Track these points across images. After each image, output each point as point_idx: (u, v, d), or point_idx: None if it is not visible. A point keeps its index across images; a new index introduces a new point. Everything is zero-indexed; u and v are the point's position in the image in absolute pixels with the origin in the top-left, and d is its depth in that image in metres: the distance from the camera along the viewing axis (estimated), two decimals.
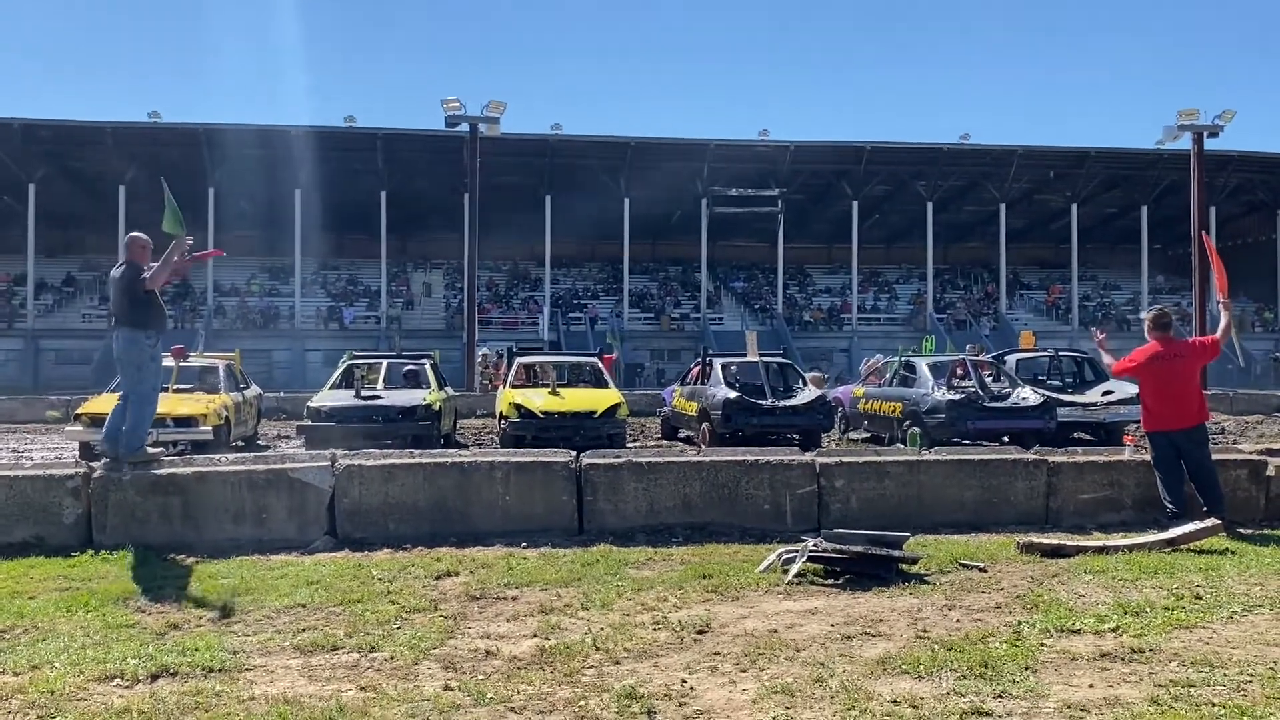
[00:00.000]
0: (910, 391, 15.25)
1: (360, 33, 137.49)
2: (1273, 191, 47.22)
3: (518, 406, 14.01)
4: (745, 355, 16.99)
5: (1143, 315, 8.34)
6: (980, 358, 17.10)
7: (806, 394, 15.25)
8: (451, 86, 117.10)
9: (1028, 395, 14.38)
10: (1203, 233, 16.57)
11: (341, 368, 16.15)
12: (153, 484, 7.17)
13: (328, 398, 14.41)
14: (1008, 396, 14.35)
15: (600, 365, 17.07)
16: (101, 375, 28.68)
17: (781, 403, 14.63)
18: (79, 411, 13.45)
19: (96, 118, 42.83)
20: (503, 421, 14.40)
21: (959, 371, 16.05)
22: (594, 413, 14.03)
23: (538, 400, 14.21)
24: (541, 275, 47.24)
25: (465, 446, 15.26)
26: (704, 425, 14.86)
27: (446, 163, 40.60)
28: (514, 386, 15.46)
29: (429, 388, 15.28)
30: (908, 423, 14.58)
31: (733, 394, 14.53)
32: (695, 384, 16.48)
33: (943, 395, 14.25)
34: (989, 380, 15.25)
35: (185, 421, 12.55)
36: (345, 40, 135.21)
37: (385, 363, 16.74)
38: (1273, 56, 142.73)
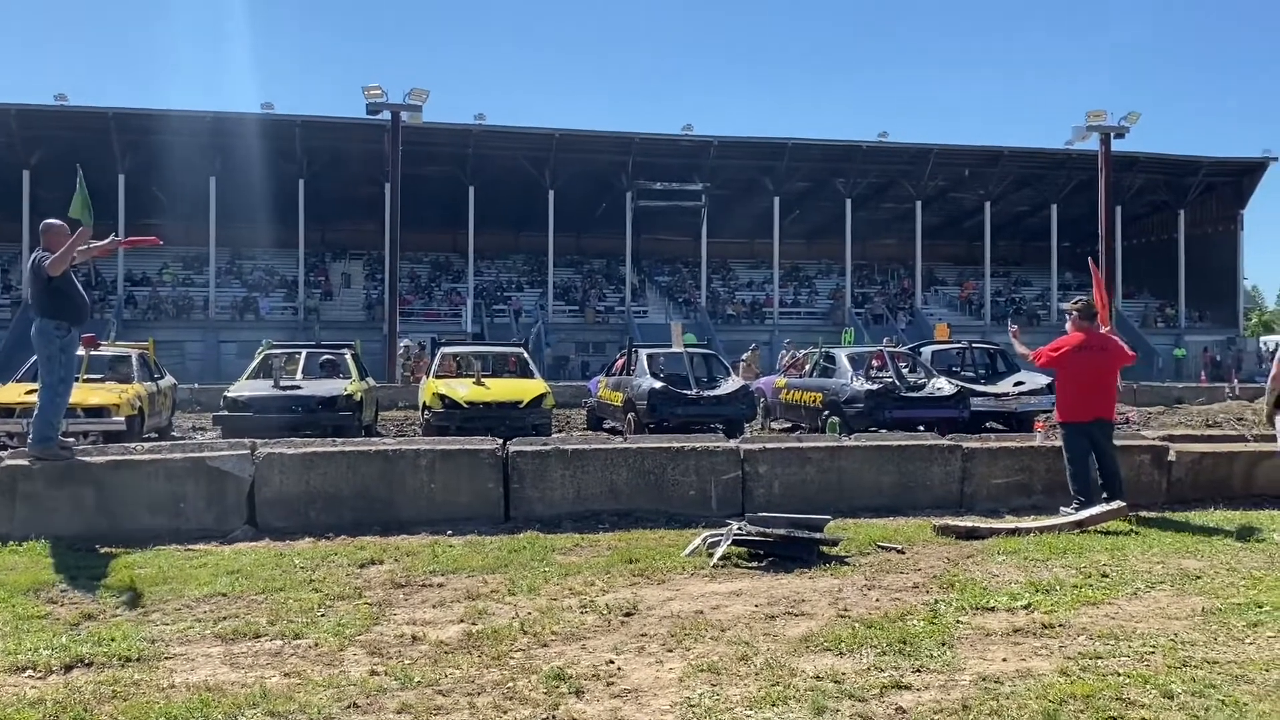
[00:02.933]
0: (830, 382, 15.47)
1: (280, 18, 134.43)
2: (1175, 192, 49.00)
3: (441, 396, 13.82)
4: (671, 346, 17.11)
5: (1065, 306, 8.51)
6: (896, 349, 17.44)
7: (730, 384, 15.42)
8: (374, 75, 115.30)
9: (943, 385, 14.73)
10: (1090, 259, 16.94)
11: (259, 358, 15.81)
12: (64, 474, 6.96)
13: (245, 387, 14.09)
14: (924, 387, 14.69)
15: (526, 356, 16.98)
16: (6, 364, 27.62)
17: (706, 392, 14.73)
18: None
19: None
20: (426, 411, 14.22)
21: (876, 363, 16.35)
22: (519, 402, 13.92)
23: (462, 390, 14.08)
24: (464, 267, 46.79)
25: (386, 438, 15.07)
26: (629, 415, 14.91)
27: (367, 152, 39.99)
28: (438, 376, 15.27)
29: (350, 378, 14.99)
30: (827, 412, 14.80)
31: (658, 384, 14.61)
32: (621, 375, 16.50)
33: (861, 385, 14.51)
34: (905, 371, 15.58)
35: (96, 411, 12.22)
36: (264, 25, 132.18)
37: (304, 353, 16.42)
38: (1177, 60, 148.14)
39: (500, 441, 7.83)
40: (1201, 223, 50.55)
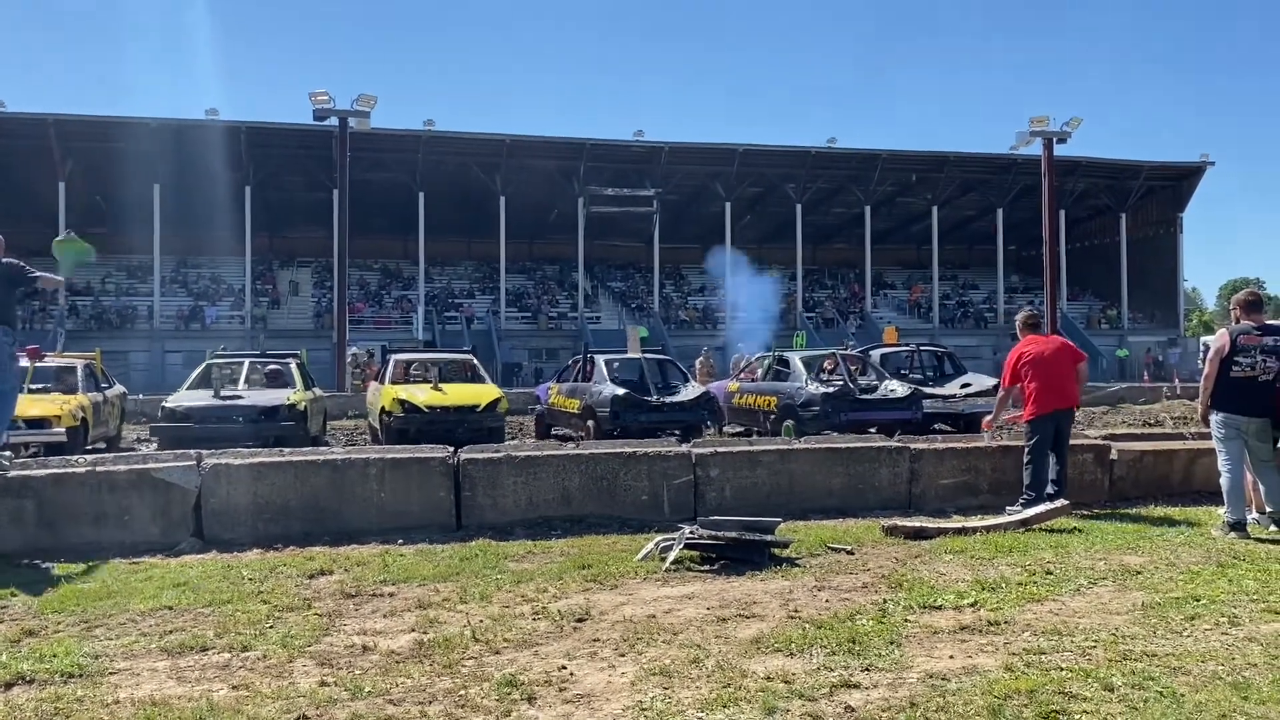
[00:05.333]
0: (784, 385, 15.48)
1: (227, 24, 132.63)
2: (1116, 196, 50.02)
3: (401, 401, 13.94)
4: (626, 352, 17.06)
5: (1016, 319, 8.72)
6: (848, 352, 17.59)
7: (691, 390, 15.33)
8: (321, 81, 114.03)
9: (896, 387, 14.85)
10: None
11: (202, 367, 15.51)
12: (3, 488, 6.81)
13: (184, 397, 13.79)
14: (877, 389, 14.80)
15: (476, 362, 17.07)
16: None
17: (669, 399, 14.67)
18: None
19: None
20: (385, 416, 14.20)
21: (829, 366, 16.48)
22: (477, 406, 14.21)
23: (420, 395, 14.24)
24: (415, 274, 46.46)
25: (335, 447, 14.90)
26: (589, 422, 14.70)
27: (315, 158, 39.56)
28: (394, 383, 15.32)
29: (294, 387, 14.73)
30: (780, 416, 14.78)
31: (620, 390, 14.45)
32: (576, 381, 16.34)
33: (816, 389, 14.56)
34: (857, 374, 15.70)
35: (38, 423, 11.93)
36: (211, 30, 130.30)
37: (247, 362, 16.01)
38: (1118, 66, 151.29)
39: (451, 449, 7.80)
40: (1143, 225, 51.68)
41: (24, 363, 10.52)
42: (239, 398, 13.68)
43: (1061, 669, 4.06)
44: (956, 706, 3.65)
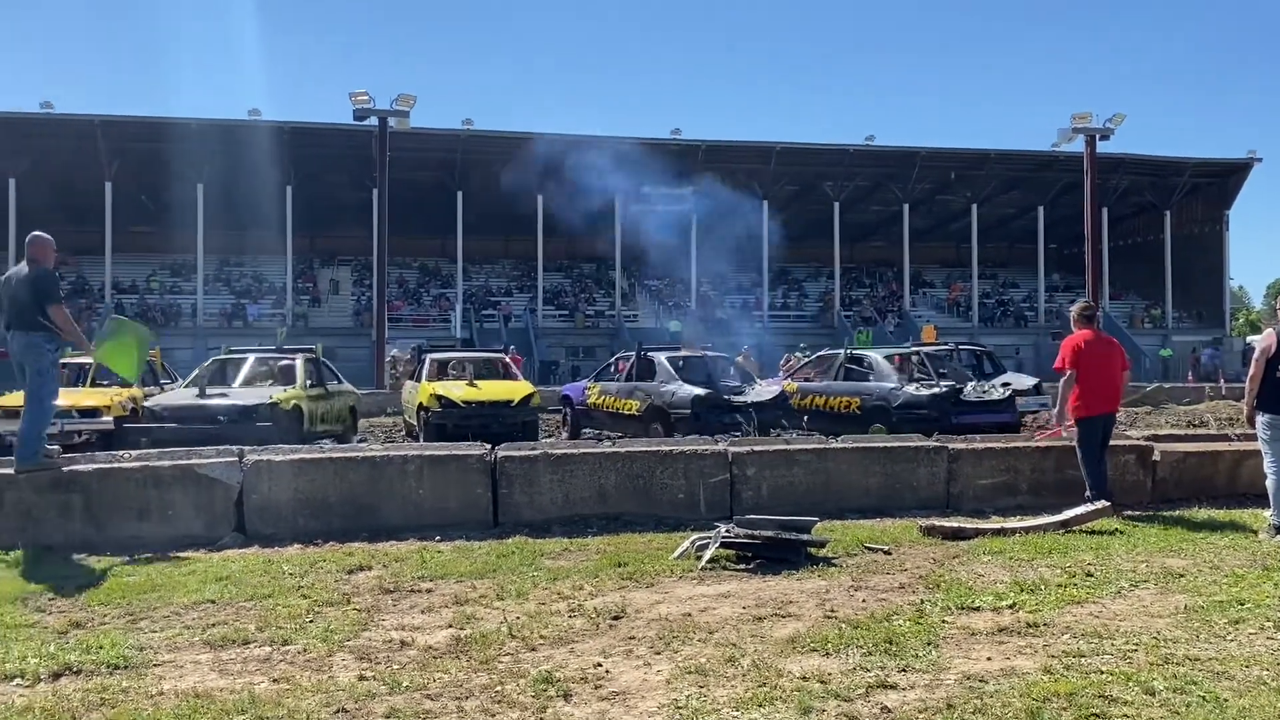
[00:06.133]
0: (870, 385, 14.38)
1: (269, 24, 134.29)
2: (1160, 193, 49.25)
3: (438, 397, 14.47)
4: (680, 350, 16.57)
5: (1071, 309, 8.58)
6: (933, 350, 16.55)
7: (764, 389, 14.70)
8: (361, 80, 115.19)
9: (990, 388, 13.89)
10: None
11: (208, 363, 15.34)
12: (52, 482, 6.96)
13: (167, 397, 13.36)
14: (985, 390, 13.74)
15: (509, 360, 17.61)
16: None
17: (749, 399, 13.90)
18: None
19: None
20: (423, 411, 14.65)
21: (905, 364, 15.34)
22: (511, 401, 14.75)
23: (457, 390, 14.73)
24: (453, 272, 46.75)
25: (372, 444, 15.03)
26: (655, 425, 13.99)
27: (355, 158, 39.94)
28: (430, 380, 15.82)
29: (293, 385, 14.05)
30: (869, 418, 13.66)
31: (700, 390, 13.76)
32: (628, 380, 15.58)
33: (917, 389, 13.63)
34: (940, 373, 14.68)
35: (89, 413, 12.45)
36: (253, 31, 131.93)
37: (252, 358, 15.29)
38: (1163, 61, 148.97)
39: (489, 446, 7.85)
40: (1187, 223, 50.84)
41: (88, 359, 10.86)
42: (222, 397, 13.07)
43: (1102, 672, 4.01)
44: (994, 708, 3.62)
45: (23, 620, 4.96)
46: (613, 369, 17.48)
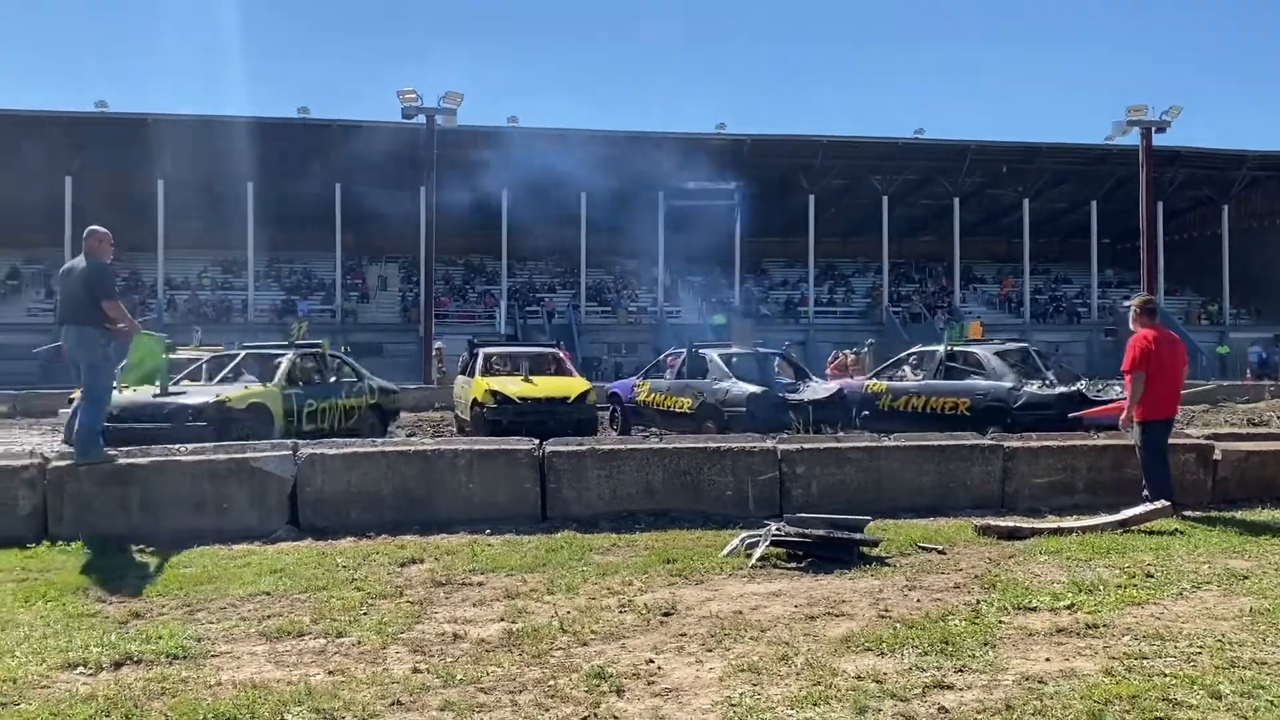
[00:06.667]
0: (983, 385, 13.23)
1: (314, 23, 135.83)
2: (1218, 187, 48.26)
3: (494, 392, 14.17)
4: (732, 346, 16.43)
5: (1126, 303, 8.36)
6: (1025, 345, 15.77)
7: (822, 386, 14.52)
8: (407, 78, 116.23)
9: (1108, 386, 12.80)
10: None
11: (205, 359, 15.09)
12: (110, 475, 7.08)
13: (125, 396, 12.42)
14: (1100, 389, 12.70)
15: (561, 356, 17.18)
16: (50, 371, 28.15)
17: (806, 396, 13.70)
18: (71, 398, 12.84)
19: (40, 107, 41.81)
20: (477, 407, 14.36)
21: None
22: (568, 398, 14.48)
23: (513, 386, 14.49)
24: (498, 269, 47.06)
25: (423, 439, 15.10)
26: (707, 423, 13.74)
27: (403, 155, 40.30)
28: (484, 375, 15.46)
29: (269, 382, 13.42)
30: (984, 420, 12.29)
31: (757, 388, 13.60)
32: (679, 377, 15.41)
33: (1040, 389, 12.70)
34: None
35: None
36: (298, 29, 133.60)
37: (244, 354, 14.86)
38: (1220, 53, 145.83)
39: (537, 441, 7.87)
40: (1246, 218, 49.79)
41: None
42: (180, 394, 12.49)
43: (1165, 675, 3.93)
44: (1055, 710, 3.55)
45: (85, 610, 5.06)
46: (663, 366, 17.32)
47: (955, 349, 14.58)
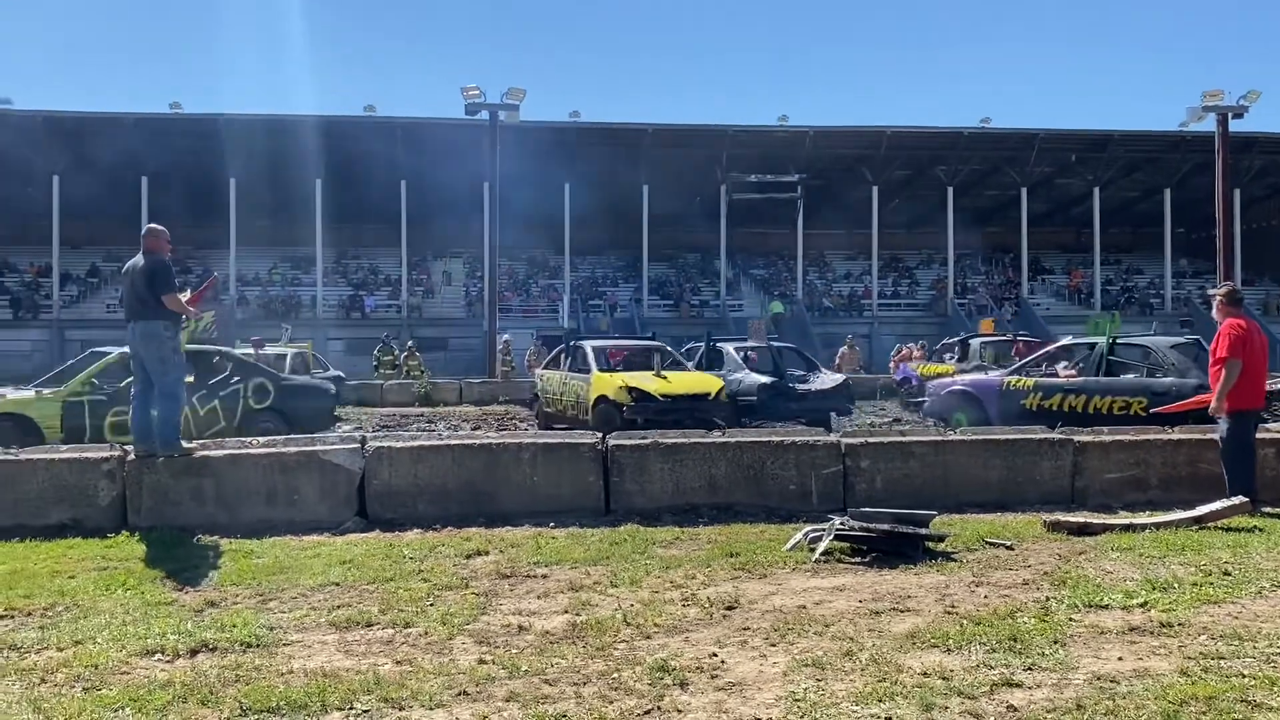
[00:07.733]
0: (1164, 382, 11.72)
1: (380, 22, 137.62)
2: None
3: (630, 389, 13.37)
4: (749, 340, 17.01)
5: (1211, 292, 8.16)
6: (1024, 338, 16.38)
7: (828, 378, 15.17)
8: (470, 73, 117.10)
9: (1274, 379, 11.31)
10: None
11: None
12: (186, 467, 7.28)
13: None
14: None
15: (669, 349, 16.33)
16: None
17: (814, 387, 14.46)
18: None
19: (118, 109, 42.92)
20: (604, 404, 13.60)
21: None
22: (709, 394, 13.67)
23: (650, 383, 13.68)
24: (561, 263, 47.25)
25: (490, 431, 15.23)
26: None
27: (466, 151, 40.67)
28: (602, 371, 14.63)
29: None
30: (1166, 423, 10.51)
31: (766, 379, 14.12)
32: (697, 368, 15.81)
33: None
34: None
35: None
36: (364, 28, 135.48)
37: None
38: None
39: (599, 435, 7.91)
40: None
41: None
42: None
43: (1244, 675, 3.83)
44: (1127, 710, 3.48)
45: (162, 598, 5.20)
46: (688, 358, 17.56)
47: (1122, 342, 13.02)
